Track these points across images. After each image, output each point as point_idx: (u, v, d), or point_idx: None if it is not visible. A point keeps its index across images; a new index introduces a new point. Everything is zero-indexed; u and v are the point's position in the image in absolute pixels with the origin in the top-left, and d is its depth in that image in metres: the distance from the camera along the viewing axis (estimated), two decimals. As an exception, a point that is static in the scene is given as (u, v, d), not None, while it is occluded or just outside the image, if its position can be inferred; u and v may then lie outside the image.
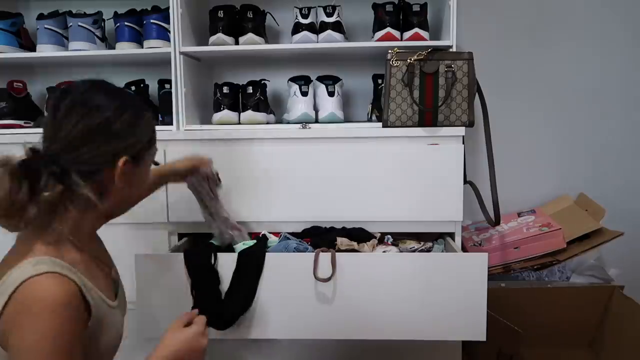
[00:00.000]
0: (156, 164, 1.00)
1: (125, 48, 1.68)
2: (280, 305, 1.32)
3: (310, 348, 1.57)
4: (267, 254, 1.35)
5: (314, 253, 1.30)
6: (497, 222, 1.53)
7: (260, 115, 1.67)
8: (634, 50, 1.94)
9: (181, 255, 1.33)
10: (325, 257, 1.29)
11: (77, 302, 0.81)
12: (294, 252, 1.38)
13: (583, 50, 1.94)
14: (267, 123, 1.70)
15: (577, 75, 1.95)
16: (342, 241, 1.45)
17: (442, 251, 1.50)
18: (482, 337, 1.29)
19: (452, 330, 1.31)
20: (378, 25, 1.64)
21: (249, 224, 1.55)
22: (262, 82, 1.74)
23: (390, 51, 1.49)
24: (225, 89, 1.67)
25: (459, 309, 1.29)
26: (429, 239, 1.59)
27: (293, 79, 1.71)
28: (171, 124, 1.63)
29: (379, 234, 1.55)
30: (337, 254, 1.30)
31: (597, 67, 1.95)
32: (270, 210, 1.54)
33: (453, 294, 1.29)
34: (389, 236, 1.55)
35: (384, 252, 1.47)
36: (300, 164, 1.51)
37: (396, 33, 1.61)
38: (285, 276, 1.31)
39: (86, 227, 0.92)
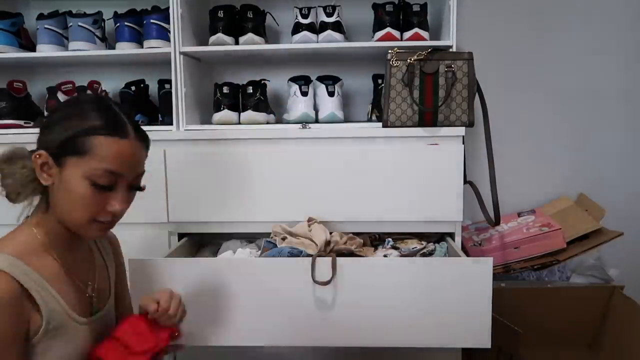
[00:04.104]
0: (103, 187, 0.88)
1: (125, 48, 1.68)
2: (278, 312, 1.29)
3: (309, 355, 1.56)
4: (264, 259, 1.34)
5: (310, 258, 1.27)
6: (497, 222, 1.53)
7: (260, 115, 1.67)
8: (635, 51, 1.94)
9: (177, 259, 1.30)
10: (325, 261, 1.27)
11: (14, 300, 0.82)
12: (287, 256, 1.35)
13: (583, 50, 1.94)
14: (267, 123, 1.70)
15: (578, 75, 1.95)
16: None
17: (445, 254, 1.49)
18: (487, 344, 1.26)
19: (455, 336, 1.28)
20: (378, 25, 1.64)
21: (248, 224, 1.55)
22: (262, 82, 1.74)
23: (390, 51, 1.49)
24: (225, 89, 1.67)
25: (463, 315, 1.26)
26: (430, 239, 1.58)
27: (293, 79, 1.71)
28: (171, 124, 1.63)
29: (374, 234, 1.55)
30: (337, 258, 1.27)
31: (597, 67, 1.95)
32: (269, 210, 1.54)
33: (457, 299, 1.26)
34: (390, 239, 1.54)
35: (384, 256, 1.45)
36: (300, 164, 1.51)
37: (396, 33, 1.61)
38: (283, 283, 1.28)
39: (56, 233, 0.92)
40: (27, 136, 1.55)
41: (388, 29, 1.60)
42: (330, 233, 1.44)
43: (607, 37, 1.93)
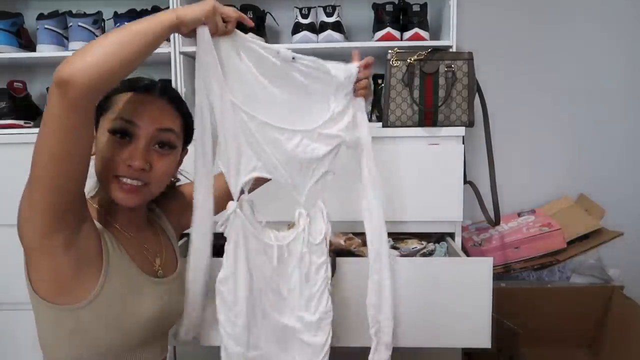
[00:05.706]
0: (121, 136, 0.88)
1: (125, 48, 1.68)
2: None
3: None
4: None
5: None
6: (497, 222, 1.53)
7: (260, 115, 1.66)
8: (635, 50, 1.94)
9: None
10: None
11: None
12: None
13: (583, 50, 1.94)
14: (267, 123, 1.70)
15: (578, 75, 1.95)
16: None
17: (445, 254, 1.49)
18: (487, 343, 1.26)
19: (455, 336, 1.28)
20: (378, 25, 1.64)
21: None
22: (262, 82, 1.73)
23: (390, 51, 1.49)
24: (225, 89, 1.67)
25: (463, 315, 1.26)
26: (430, 239, 1.58)
27: (293, 79, 1.71)
28: (171, 124, 1.63)
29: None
30: (337, 258, 1.27)
31: (597, 68, 1.95)
32: (269, 211, 1.53)
33: (457, 299, 1.26)
34: (390, 239, 1.54)
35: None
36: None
37: (396, 33, 1.62)
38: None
39: (107, 203, 0.91)
40: (27, 136, 1.55)
41: (388, 29, 1.60)
42: None
43: (607, 37, 1.93)
